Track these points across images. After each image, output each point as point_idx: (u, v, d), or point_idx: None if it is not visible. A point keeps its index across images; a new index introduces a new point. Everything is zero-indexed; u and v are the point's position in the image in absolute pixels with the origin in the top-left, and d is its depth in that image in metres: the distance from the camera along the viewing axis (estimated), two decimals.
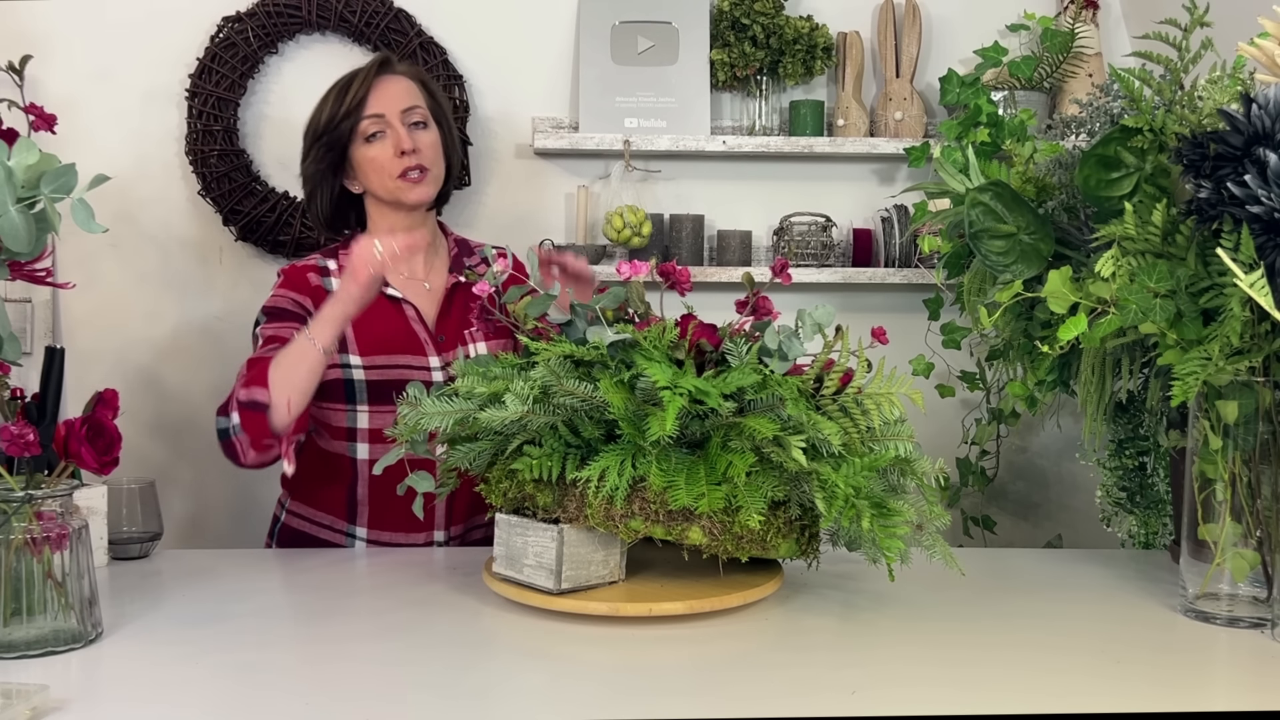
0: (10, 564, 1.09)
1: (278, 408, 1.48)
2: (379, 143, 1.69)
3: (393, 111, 1.69)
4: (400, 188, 1.69)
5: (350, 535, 1.69)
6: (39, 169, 1.10)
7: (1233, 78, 1.30)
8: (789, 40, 2.33)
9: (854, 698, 1.00)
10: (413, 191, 1.69)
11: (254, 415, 1.48)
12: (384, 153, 1.68)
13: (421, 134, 1.71)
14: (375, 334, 1.68)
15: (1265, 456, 1.20)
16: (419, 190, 1.69)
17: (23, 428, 1.07)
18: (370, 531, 1.68)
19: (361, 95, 1.69)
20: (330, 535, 1.70)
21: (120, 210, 2.31)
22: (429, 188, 1.71)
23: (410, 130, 1.69)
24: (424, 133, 1.71)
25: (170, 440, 2.38)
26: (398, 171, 1.68)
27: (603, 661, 1.11)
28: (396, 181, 1.68)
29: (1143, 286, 1.19)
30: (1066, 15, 2.33)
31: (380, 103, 1.69)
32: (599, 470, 1.15)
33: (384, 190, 1.70)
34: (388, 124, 1.68)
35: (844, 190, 2.44)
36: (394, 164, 1.68)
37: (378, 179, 1.70)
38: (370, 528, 1.68)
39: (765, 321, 1.28)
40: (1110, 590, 1.39)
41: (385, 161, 1.68)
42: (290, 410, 1.49)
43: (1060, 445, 2.42)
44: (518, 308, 1.31)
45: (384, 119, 1.68)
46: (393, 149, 1.68)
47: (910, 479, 1.25)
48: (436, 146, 1.72)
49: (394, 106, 1.69)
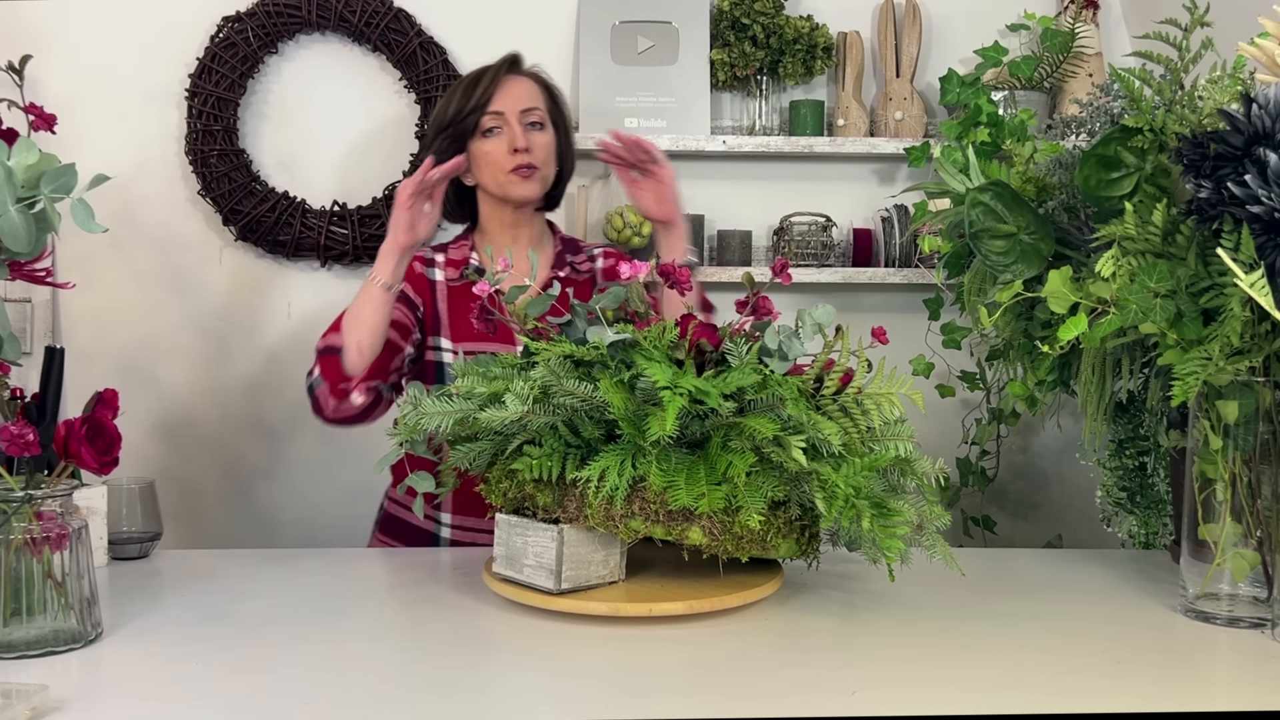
0: (10, 564, 1.09)
1: (348, 350, 1.60)
2: (495, 138, 1.77)
3: (512, 110, 1.77)
4: (509, 182, 1.76)
5: (437, 522, 1.77)
6: (39, 169, 1.10)
7: (1233, 78, 1.30)
8: (789, 40, 2.33)
9: (854, 698, 1.00)
10: (520, 188, 1.77)
11: (329, 360, 1.62)
12: (498, 148, 1.76)
13: (536, 135, 1.79)
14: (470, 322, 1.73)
15: (1265, 456, 1.20)
16: (525, 187, 1.77)
17: (23, 428, 1.07)
18: (455, 518, 1.76)
19: (488, 93, 1.77)
20: (424, 523, 1.77)
21: (120, 210, 2.31)
22: (536, 186, 1.78)
23: (526, 130, 1.78)
24: (539, 134, 1.79)
25: (170, 440, 2.38)
26: (509, 167, 1.76)
27: (603, 661, 1.11)
28: (507, 176, 1.76)
29: (1143, 286, 1.19)
30: (1066, 15, 2.33)
31: (502, 101, 1.77)
32: (599, 470, 1.15)
33: (494, 184, 1.78)
34: (506, 121, 1.77)
35: (844, 190, 2.44)
36: (506, 159, 1.76)
37: (489, 173, 1.78)
38: (455, 513, 1.75)
39: (765, 321, 1.28)
40: (1110, 590, 1.39)
41: (498, 156, 1.76)
42: (361, 352, 1.61)
43: (1060, 445, 2.43)
44: (517, 308, 1.31)
45: (503, 116, 1.77)
46: (507, 145, 1.76)
47: (910, 479, 1.25)
48: (549, 149, 1.81)
49: (514, 105, 1.77)
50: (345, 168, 2.38)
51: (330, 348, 1.63)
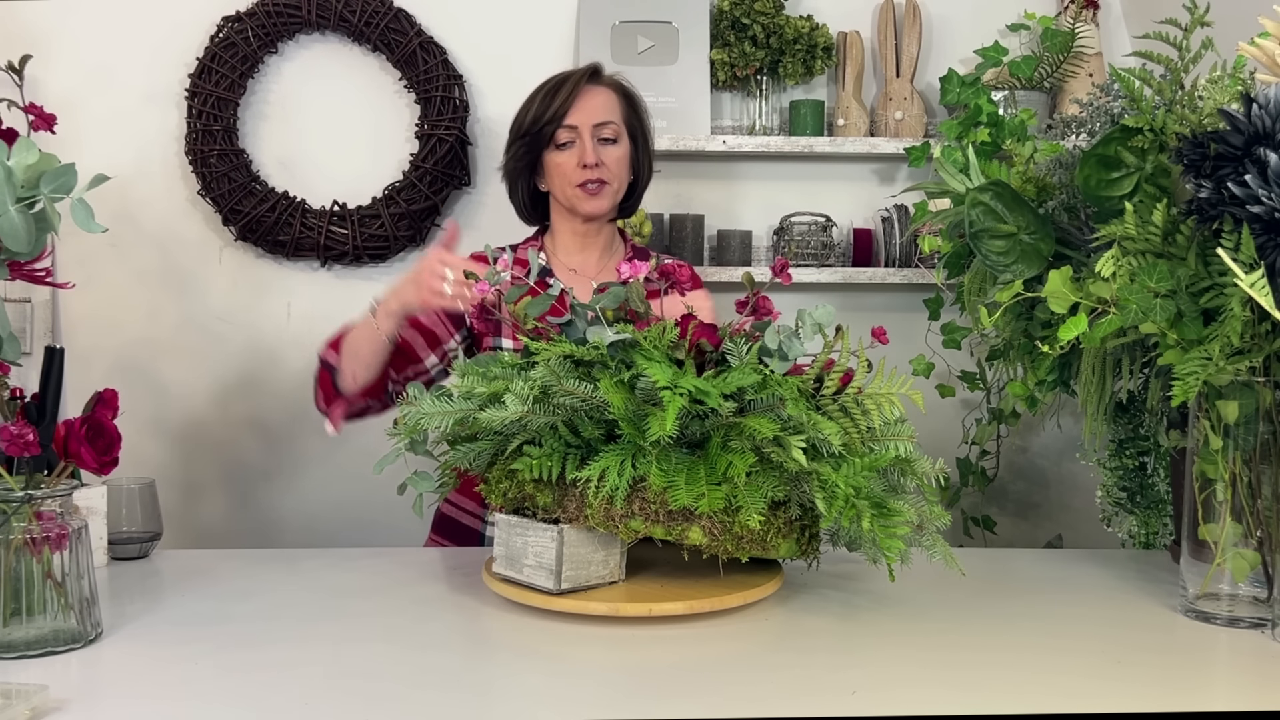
0: (10, 564, 1.09)
1: (344, 374, 1.63)
2: (567, 151, 1.78)
3: (586, 124, 1.77)
4: (577, 196, 1.78)
5: (486, 521, 1.78)
6: (39, 169, 1.10)
7: (1233, 78, 1.30)
8: (789, 40, 2.33)
9: (854, 698, 1.00)
10: (588, 203, 1.78)
11: (324, 374, 1.66)
12: (569, 161, 1.77)
13: (609, 149, 1.79)
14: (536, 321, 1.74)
15: (1265, 456, 1.20)
16: (594, 203, 1.78)
17: (22, 428, 1.07)
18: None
19: (566, 104, 1.77)
20: (471, 521, 1.79)
21: (120, 210, 2.31)
22: (604, 201, 1.79)
23: (598, 144, 1.78)
24: (612, 148, 1.80)
25: (170, 440, 2.38)
26: (578, 181, 1.77)
27: (603, 661, 1.11)
28: (576, 190, 1.77)
29: (1143, 286, 1.19)
30: (1067, 15, 2.33)
31: (578, 114, 1.77)
32: (599, 470, 1.15)
33: (564, 196, 1.80)
34: (579, 134, 1.77)
35: (844, 190, 2.45)
36: (576, 174, 1.77)
37: (560, 185, 1.80)
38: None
39: (765, 321, 1.27)
40: (1110, 590, 1.39)
41: (569, 170, 1.77)
42: (355, 379, 1.63)
43: (1060, 445, 2.43)
44: (517, 308, 1.31)
45: (576, 130, 1.77)
46: (577, 159, 1.76)
47: (910, 479, 1.25)
48: (622, 161, 1.81)
49: (588, 119, 1.78)
50: (345, 168, 2.38)
51: (327, 363, 1.65)
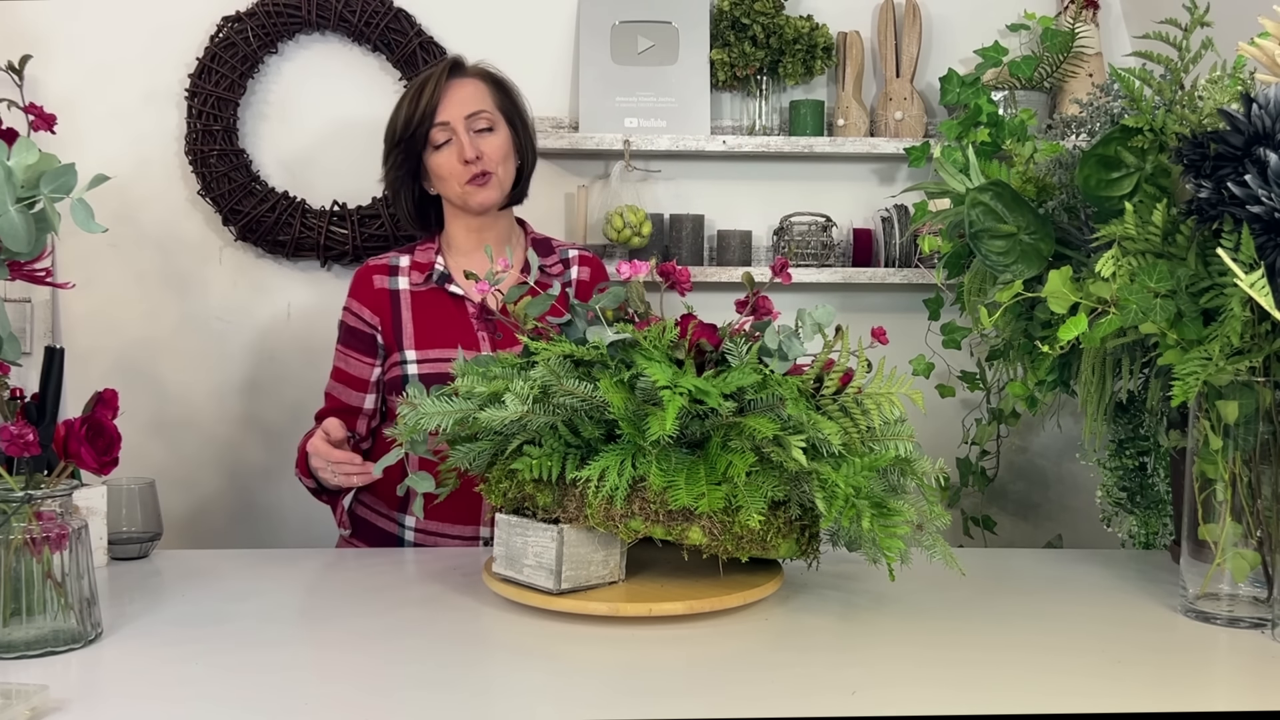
0: (10, 564, 1.09)
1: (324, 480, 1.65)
2: (446, 150, 1.76)
3: (457, 118, 1.75)
4: (466, 193, 1.76)
5: (401, 525, 1.76)
6: (39, 169, 1.10)
7: (1233, 78, 1.30)
8: (789, 40, 2.33)
9: (854, 698, 1.00)
10: (477, 196, 1.76)
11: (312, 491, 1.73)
12: (450, 160, 1.76)
13: (487, 139, 1.77)
14: (433, 330, 1.77)
15: (1265, 456, 1.20)
16: (482, 195, 1.76)
17: (22, 428, 1.07)
18: (419, 521, 1.75)
19: (433, 101, 1.75)
20: (385, 523, 1.79)
21: (120, 210, 2.31)
22: (492, 192, 1.78)
23: (474, 136, 1.76)
24: (490, 136, 1.77)
25: (170, 440, 2.38)
26: (464, 178, 1.75)
27: (603, 661, 1.11)
28: (463, 187, 1.76)
29: (1143, 286, 1.19)
30: (1067, 15, 2.32)
31: (447, 109, 1.76)
32: (599, 470, 1.15)
33: (452, 195, 1.79)
34: (453, 130, 1.75)
35: (844, 190, 2.44)
36: (460, 171, 1.75)
37: (446, 185, 1.78)
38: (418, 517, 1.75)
39: (765, 321, 1.27)
40: (1110, 590, 1.39)
41: (451, 168, 1.76)
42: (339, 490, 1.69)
43: (1060, 445, 2.42)
44: (517, 308, 1.31)
45: (450, 126, 1.75)
46: (457, 156, 1.75)
47: (910, 479, 1.25)
48: (502, 148, 1.79)
49: (459, 111, 1.76)
50: (345, 168, 2.37)
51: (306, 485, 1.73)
